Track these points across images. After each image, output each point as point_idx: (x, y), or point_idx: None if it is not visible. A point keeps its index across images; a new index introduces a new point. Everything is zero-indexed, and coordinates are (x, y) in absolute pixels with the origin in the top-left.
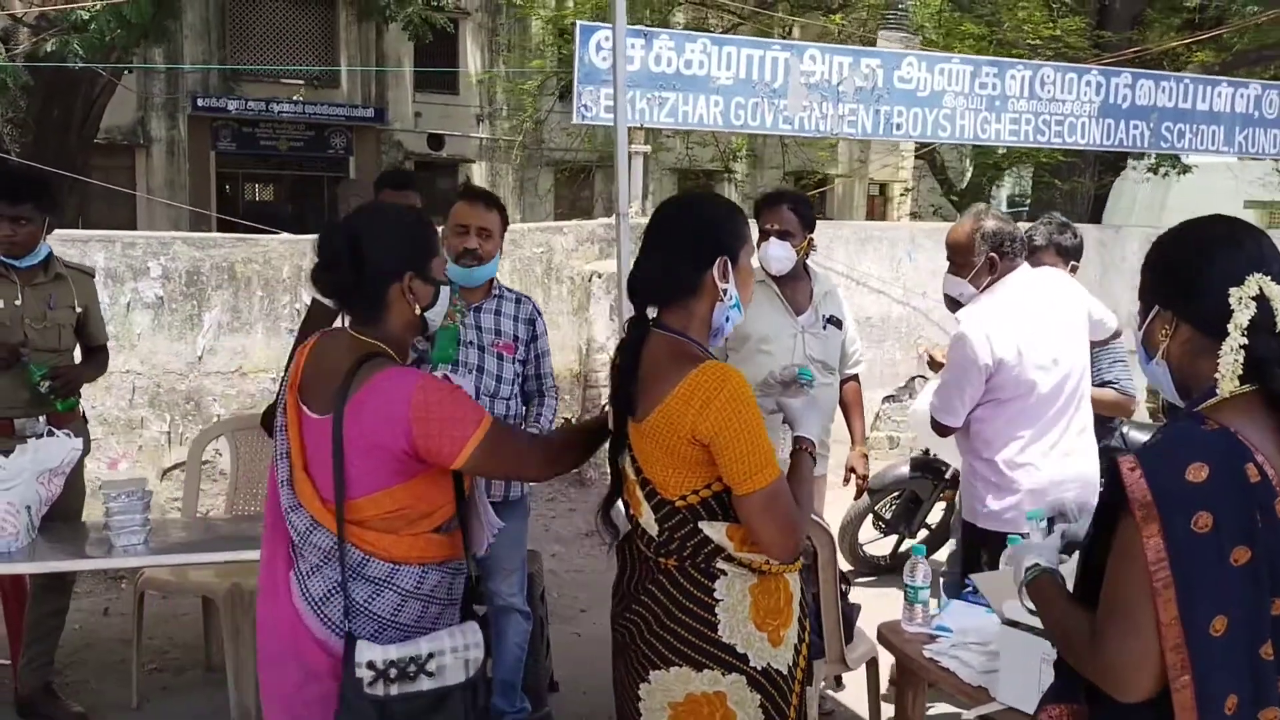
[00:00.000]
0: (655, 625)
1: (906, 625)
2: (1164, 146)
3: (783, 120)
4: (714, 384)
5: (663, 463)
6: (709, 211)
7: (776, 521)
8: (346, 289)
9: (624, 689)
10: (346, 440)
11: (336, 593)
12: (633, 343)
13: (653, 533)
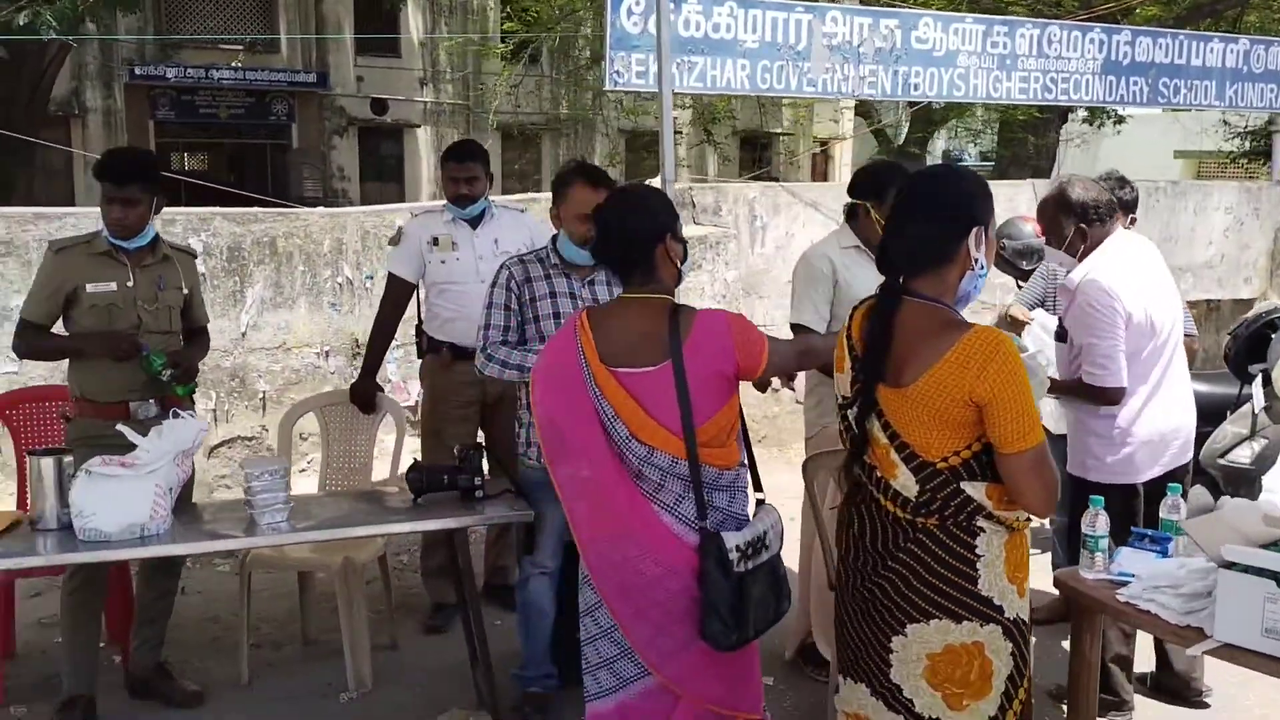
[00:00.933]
0: (915, 581)
1: (1086, 573)
2: (1161, 102)
3: (806, 83)
4: (991, 347)
5: (928, 425)
6: (965, 184)
7: (1042, 479)
8: (628, 258)
9: (867, 644)
10: (690, 377)
11: (703, 508)
12: (886, 311)
13: (909, 494)
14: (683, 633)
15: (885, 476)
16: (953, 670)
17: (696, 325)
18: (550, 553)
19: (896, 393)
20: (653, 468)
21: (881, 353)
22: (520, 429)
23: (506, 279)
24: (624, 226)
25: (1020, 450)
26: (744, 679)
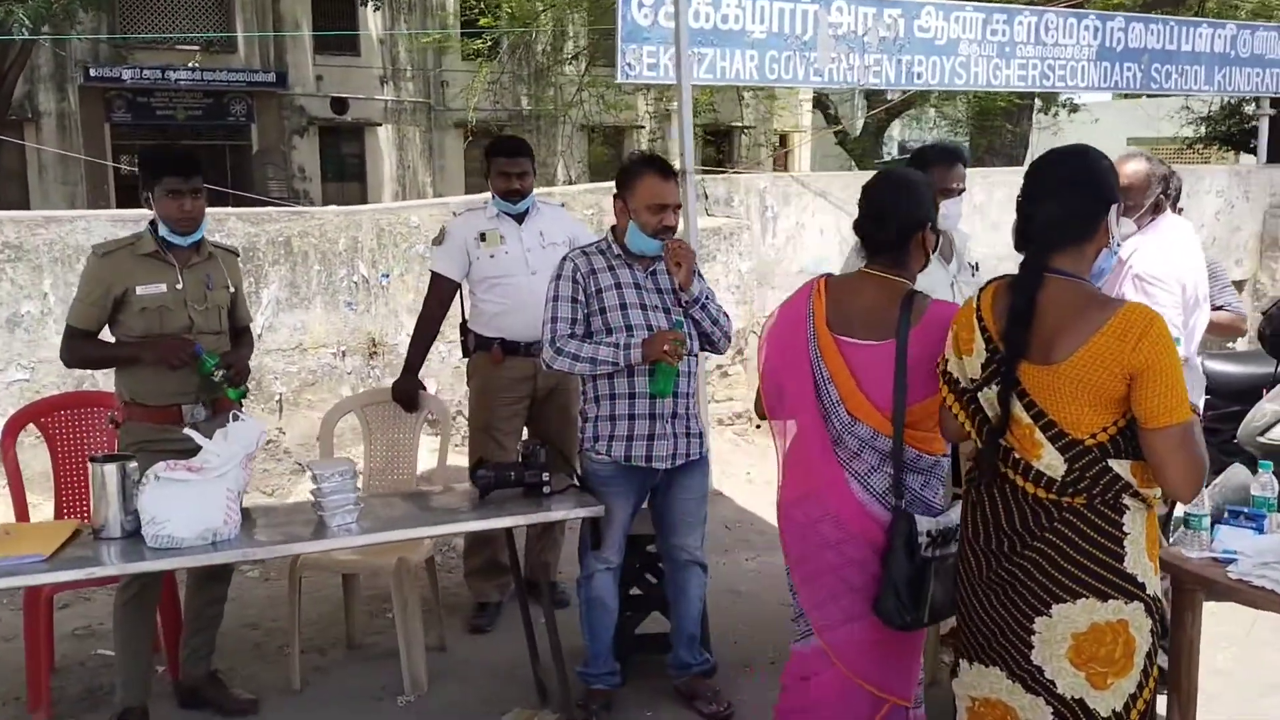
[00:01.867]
0: (1062, 560)
1: (1189, 552)
2: (1154, 87)
3: (813, 73)
4: (1145, 321)
5: (1079, 401)
6: (1102, 161)
7: (1188, 456)
8: (886, 238)
9: (1004, 626)
10: (910, 358)
11: (899, 487)
12: (1030, 287)
13: (1055, 474)
14: (852, 604)
15: (1026, 458)
16: (1097, 649)
17: (930, 311)
18: (616, 548)
19: (1046, 370)
20: (853, 437)
21: (1026, 330)
22: (585, 423)
23: (572, 270)
24: (896, 208)
25: (1168, 425)
26: (902, 664)
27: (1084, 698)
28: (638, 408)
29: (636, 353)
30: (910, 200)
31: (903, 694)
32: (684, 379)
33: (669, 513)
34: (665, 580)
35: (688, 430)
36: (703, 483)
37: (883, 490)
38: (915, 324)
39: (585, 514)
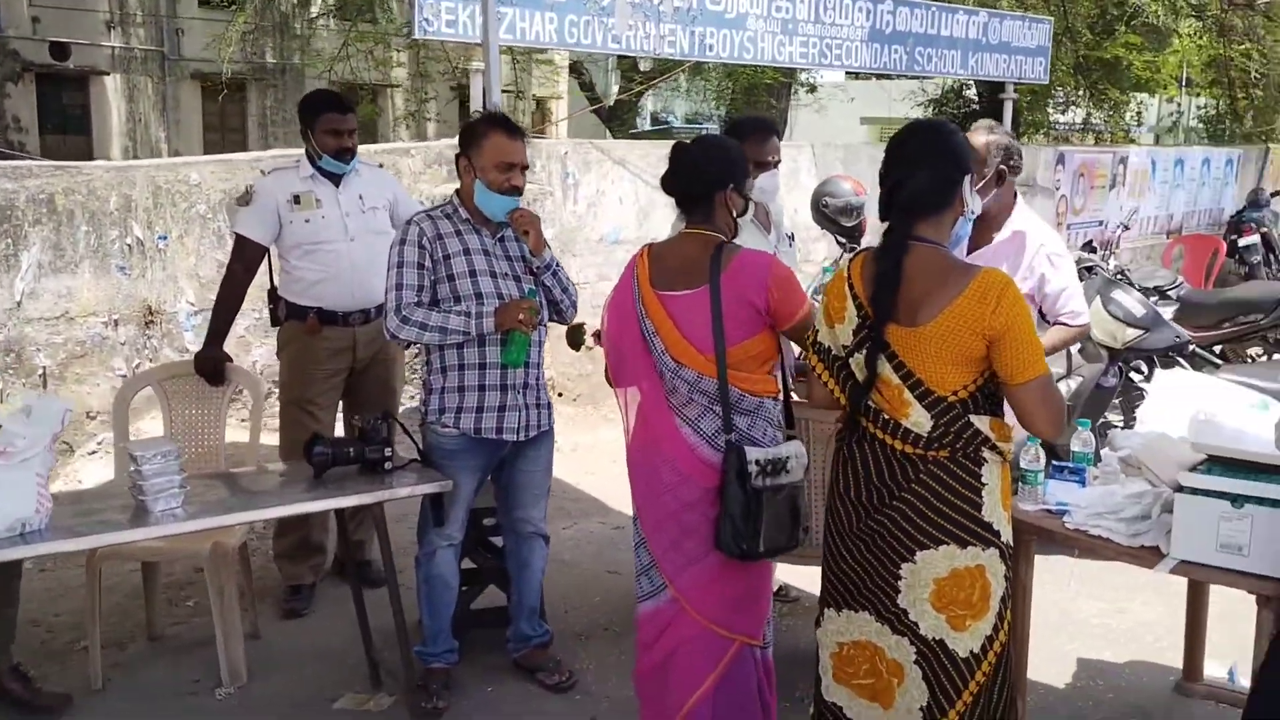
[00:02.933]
0: (926, 509)
1: (1024, 505)
2: (917, 70)
3: (611, 39)
4: (1001, 286)
5: (943, 360)
6: (957, 135)
7: (1050, 405)
8: (693, 195)
9: (872, 573)
10: (724, 302)
11: (728, 425)
12: (896, 254)
13: (921, 430)
14: (694, 546)
15: (895, 417)
16: (957, 593)
17: (737, 258)
18: (459, 524)
19: (912, 331)
20: (681, 381)
21: (892, 295)
22: (430, 395)
23: (417, 235)
24: (699, 167)
25: (1029, 379)
26: (747, 603)
27: (944, 639)
28: (488, 378)
29: (489, 321)
30: (714, 160)
31: (751, 632)
32: (534, 348)
33: (514, 485)
34: (506, 553)
35: (538, 401)
36: (549, 454)
37: (712, 432)
38: (725, 269)
39: (433, 489)
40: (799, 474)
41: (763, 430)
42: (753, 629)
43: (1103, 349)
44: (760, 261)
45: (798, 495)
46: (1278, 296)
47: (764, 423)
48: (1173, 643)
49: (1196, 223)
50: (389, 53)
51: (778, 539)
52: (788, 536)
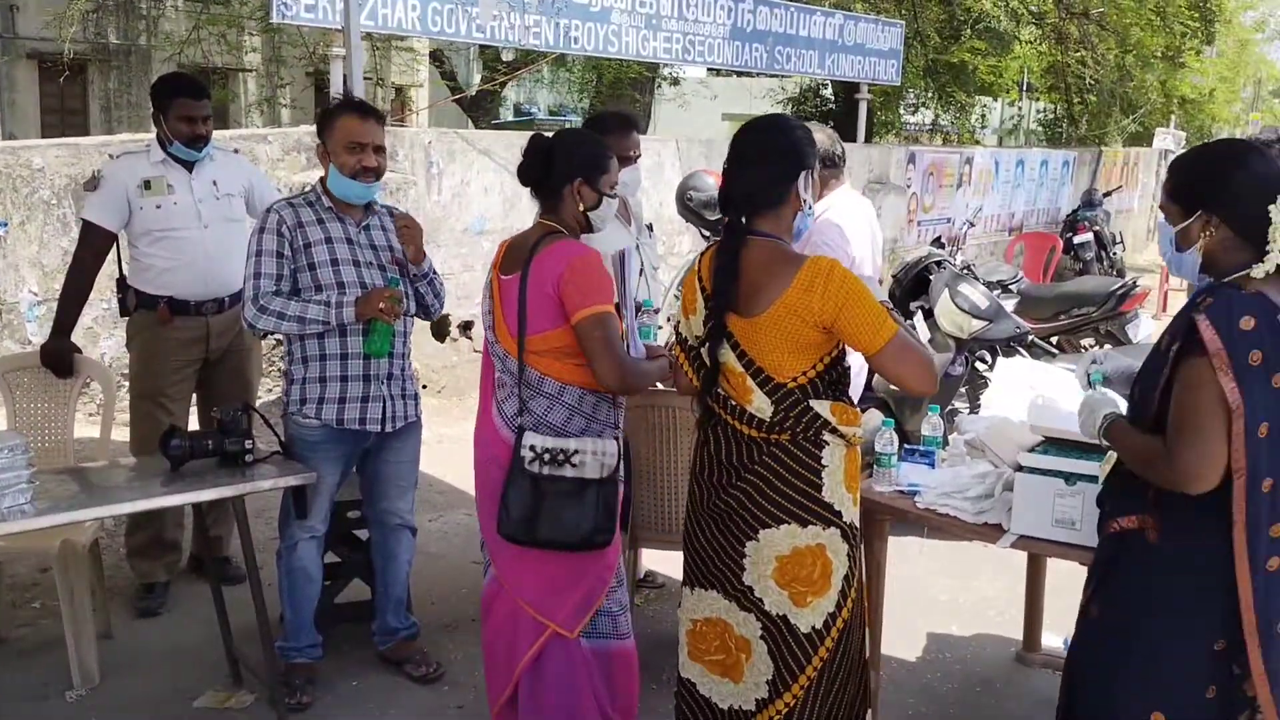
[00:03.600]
0: (769, 489)
1: (879, 486)
2: (777, 68)
3: (475, 29)
4: (825, 272)
5: (780, 348)
6: (795, 131)
7: (913, 360)
8: (542, 185)
9: (720, 551)
10: (529, 290)
11: (522, 408)
12: (733, 248)
13: (764, 415)
14: None
15: (740, 403)
16: (798, 570)
17: (549, 248)
18: (322, 516)
19: (750, 321)
20: (497, 359)
21: (731, 286)
22: (291, 385)
23: (276, 223)
24: (549, 159)
25: (881, 346)
26: (564, 592)
27: (787, 614)
28: (350, 369)
29: (350, 311)
30: (565, 153)
31: (562, 621)
32: (399, 339)
33: (380, 477)
34: (372, 546)
35: (403, 392)
36: (415, 446)
37: (511, 414)
38: (535, 257)
39: (296, 482)
40: (593, 470)
41: (561, 416)
42: (567, 619)
43: (950, 339)
44: (564, 252)
45: (592, 492)
46: (1108, 290)
47: (563, 409)
48: (1013, 616)
49: (1036, 221)
50: (242, 36)
51: (556, 531)
52: (576, 533)
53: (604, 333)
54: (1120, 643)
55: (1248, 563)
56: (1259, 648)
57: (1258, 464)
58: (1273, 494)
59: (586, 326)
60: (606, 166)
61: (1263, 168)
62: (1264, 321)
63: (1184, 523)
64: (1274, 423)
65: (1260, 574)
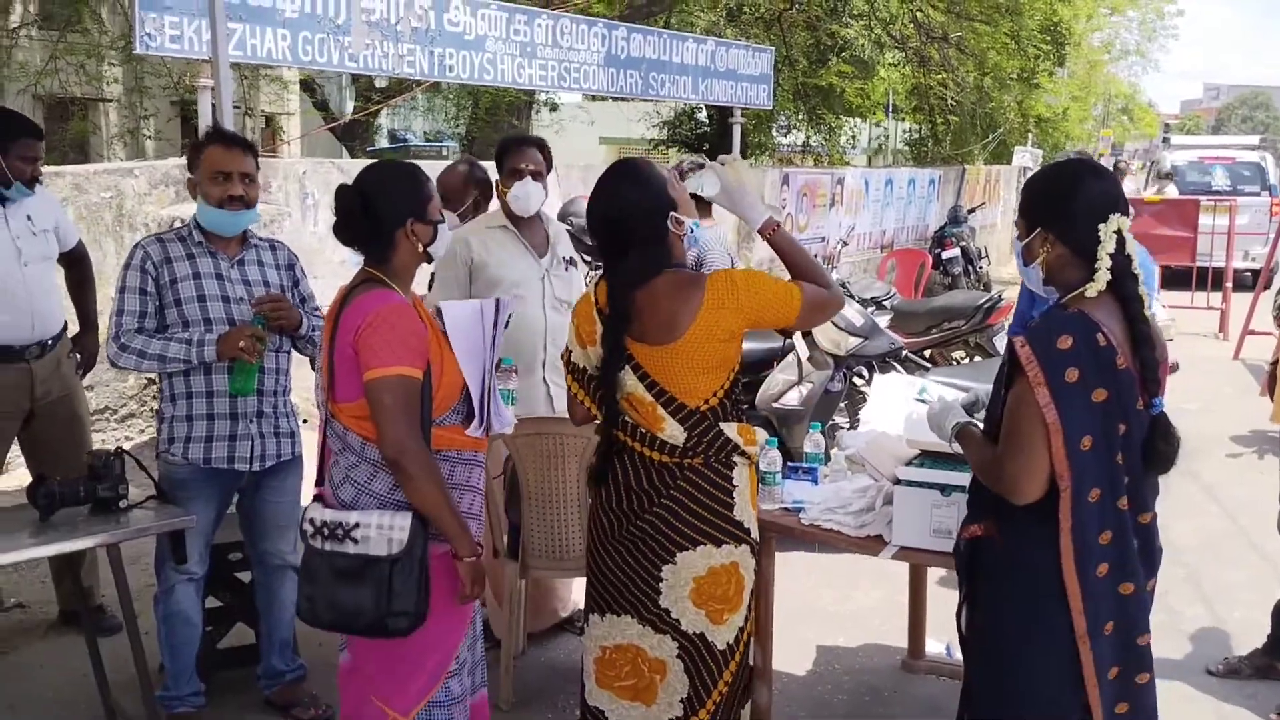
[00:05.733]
0: (684, 513)
1: (765, 504)
2: (651, 94)
3: (348, 58)
4: (728, 285)
5: (695, 370)
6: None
7: (822, 299)
8: (361, 237)
9: (634, 576)
10: (336, 350)
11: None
12: (629, 282)
13: (676, 441)
14: None
15: (651, 430)
16: (715, 589)
17: (357, 300)
18: (198, 558)
19: (665, 349)
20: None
21: (625, 327)
22: (162, 424)
23: (141, 259)
24: (368, 205)
25: (796, 312)
26: (397, 674)
27: (704, 632)
28: (217, 407)
29: (210, 350)
30: (386, 192)
31: (396, 705)
32: (271, 376)
33: (259, 517)
34: (255, 587)
35: (276, 430)
36: (296, 484)
37: (339, 481)
38: (345, 310)
39: (176, 524)
40: (378, 547)
41: (366, 474)
42: (400, 701)
43: (828, 356)
44: (370, 304)
45: (389, 571)
46: (976, 304)
47: (371, 467)
48: (897, 625)
49: (905, 238)
50: (102, 66)
51: (336, 613)
52: (359, 618)
53: (393, 399)
54: (987, 647)
55: (1075, 568)
56: (1089, 651)
57: (1083, 475)
58: (1100, 503)
59: (374, 389)
60: (428, 193)
61: (1097, 188)
62: (1082, 340)
63: (1023, 530)
64: (1098, 436)
65: (1089, 579)
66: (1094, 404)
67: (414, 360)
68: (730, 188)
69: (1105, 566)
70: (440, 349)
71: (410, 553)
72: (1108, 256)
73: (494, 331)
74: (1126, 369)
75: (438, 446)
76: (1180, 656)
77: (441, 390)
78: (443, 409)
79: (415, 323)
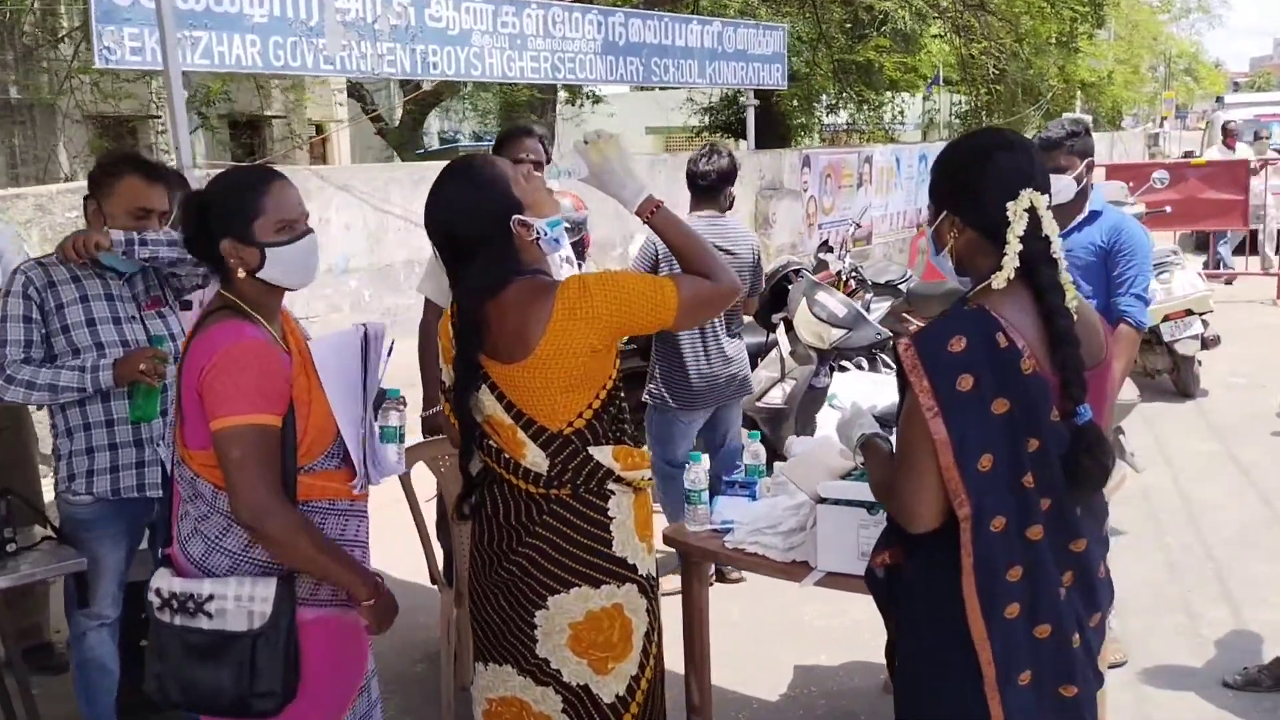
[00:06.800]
0: (553, 552)
1: (691, 526)
2: (654, 80)
3: (324, 60)
4: (578, 292)
5: (553, 388)
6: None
7: (706, 294)
8: (203, 255)
9: (508, 622)
10: (182, 388)
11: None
12: (478, 299)
13: (540, 469)
14: None
15: (514, 457)
16: (596, 635)
17: (206, 332)
18: (110, 600)
19: (518, 367)
20: None
21: (479, 341)
22: (60, 462)
23: (23, 285)
24: (201, 216)
25: (675, 314)
26: None
27: (588, 684)
28: (119, 435)
29: (107, 375)
30: (207, 205)
31: None
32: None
33: None
34: None
35: None
36: None
37: (184, 535)
38: (194, 342)
39: (68, 568)
40: (237, 621)
41: (221, 530)
42: None
43: (812, 350)
44: (218, 339)
45: (251, 647)
46: None
47: (224, 519)
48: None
49: None
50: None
51: (191, 698)
52: (217, 699)
53: (243, 453)
54: (906, 685)
55: (980, 612)
56: (999, 704)
57: (983, 501)
58: (1006, 534)
59: (221, 442)
60: (257, 207)
61: (1009, 163)
62: (979, 341)
63: (928, 558)
64: (1000, 453)
65: (997, 622)
66: (993, 416)
67: (269, 406)
68: (595, 169)
69: (1016, 607)
70: (309, 385)
71: (275, 625)
72: (1017, 240)
73: (365, 364)
74: (1035, 374)
75: (306, 496)
76: (1199, 665)
77: (309, 436)
78: (313, 455)
79: (271, 360)
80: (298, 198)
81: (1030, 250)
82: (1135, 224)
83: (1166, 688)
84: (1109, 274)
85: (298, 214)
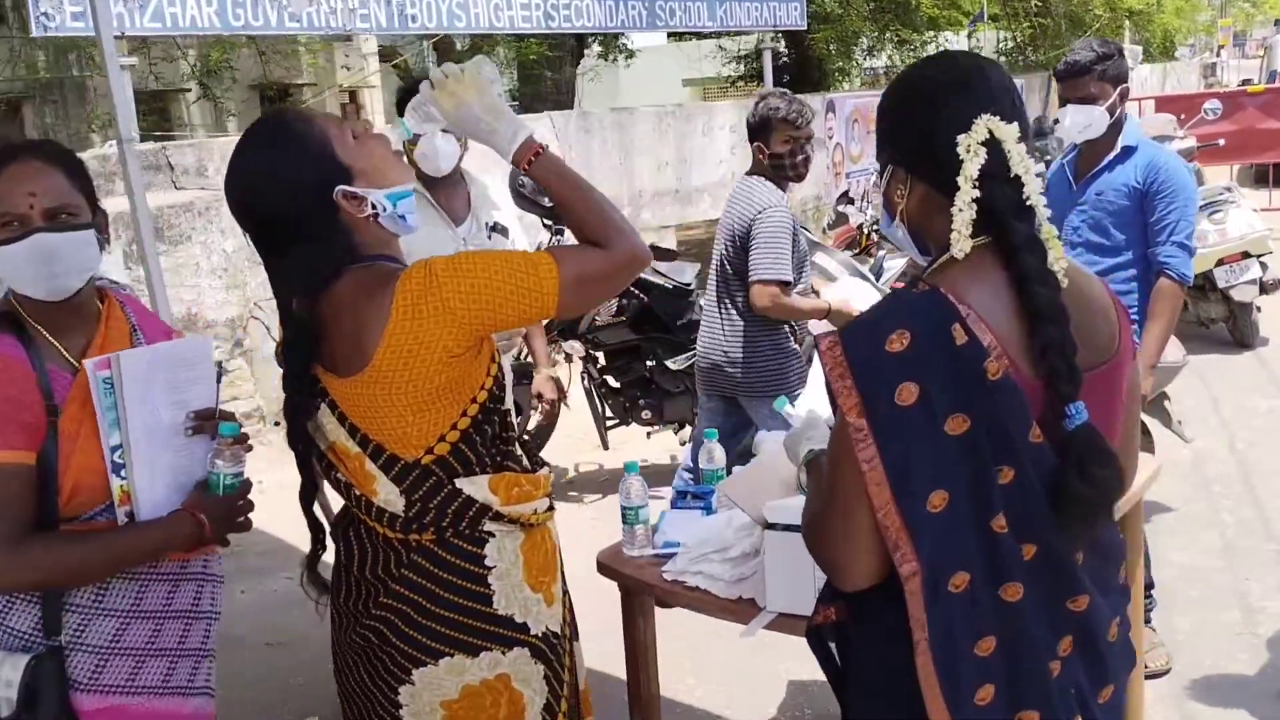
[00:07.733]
0: (417, 615)
1: (629, 550)
2: (660, 25)
3: (289, 18)
4: (424, 283)
5: (400, 406)
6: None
7: (598, 266)
8: None
9: (371, 699)
10: None
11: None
12: (309, 287)
13: (395, 509)
14: None
15: (364, 494)
16: (476, 715)
17: None
18: None
19: (355, 381)
20: None
21: (314, 339)
22: None
23: None
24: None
25: (557, 299)
26: None
27: None
28: None
29: None
30: None
31: None
32: None
33: None
34: None
35: None
36: None
37: None
38: None
39: None
40: None
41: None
42: None
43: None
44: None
45: None
46: None
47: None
48: None
49: None
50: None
51: None
52: None
53: None
54: None
55: (943, 698)
56: None
57: (937, 553)
58: (972, 595)
59: None
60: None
61: (960, 88)
62: (927, 336)
63: (875, 617)
64: (957, 490)
65: (965, 709)
66: (947, 439)
67: (9, 440)
68: (451, 115)
69: (989, 690)
70: (81, 417)
71: (34, 712)
72: (971, 185)
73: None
74: (1006, 377)
75: None
76: (1252, 672)
77: (70, 478)
78: (85, 505)
79: (17, 383)
80: (31, 188)
81: (994, 198)
82: (1176, 160)
83: (1216, 703)
84: (1145, 219)
85: (21, 209)
